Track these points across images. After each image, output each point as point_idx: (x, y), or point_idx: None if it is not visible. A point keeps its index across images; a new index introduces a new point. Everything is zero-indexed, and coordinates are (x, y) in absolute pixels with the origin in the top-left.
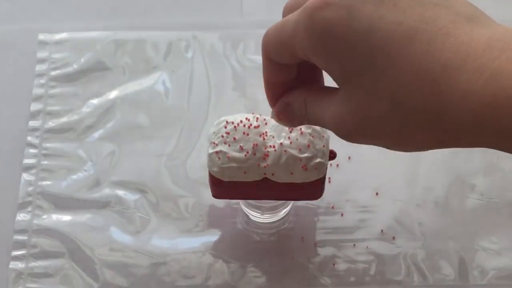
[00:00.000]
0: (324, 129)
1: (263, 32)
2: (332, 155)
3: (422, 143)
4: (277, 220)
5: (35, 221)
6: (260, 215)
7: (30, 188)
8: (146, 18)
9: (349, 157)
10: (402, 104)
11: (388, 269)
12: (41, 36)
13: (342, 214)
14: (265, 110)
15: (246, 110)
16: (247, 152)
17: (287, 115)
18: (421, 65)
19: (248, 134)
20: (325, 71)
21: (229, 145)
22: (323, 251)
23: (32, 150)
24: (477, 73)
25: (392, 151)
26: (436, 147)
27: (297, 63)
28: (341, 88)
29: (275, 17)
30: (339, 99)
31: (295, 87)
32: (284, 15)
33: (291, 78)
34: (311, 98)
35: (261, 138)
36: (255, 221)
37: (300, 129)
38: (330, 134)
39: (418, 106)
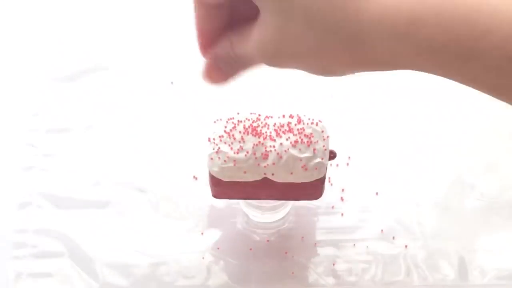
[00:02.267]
0: (325, 129)
1: None
2: (332, 155)
3: (342, 64)
4: (277, 220)
5: (35, 221)
6: (260, 215)
7: (30, 188)
8: None
9: (349, 157)
10: (316, 22)
11: (388, 269)
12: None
13: (342, 214)
14: (265, 110)
15: (246, 110)
16: (247, 152)
17: (217, 70)
18: None
19: (248, 134)
20: None
21: (229, 145)
22: (323, 251)
23: (32, 150)
24: None
25: (391, 152)
26: (357, 69)
27: (228, 4)
28: (261, 13)
29: None
30: (260, 25)
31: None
32: None
33: (223, 22)
34: (236, 37)
35: (261, 138)
36: (255, 221)
37: (300, 129)
38: (330, 134)
39: (332, 25)
